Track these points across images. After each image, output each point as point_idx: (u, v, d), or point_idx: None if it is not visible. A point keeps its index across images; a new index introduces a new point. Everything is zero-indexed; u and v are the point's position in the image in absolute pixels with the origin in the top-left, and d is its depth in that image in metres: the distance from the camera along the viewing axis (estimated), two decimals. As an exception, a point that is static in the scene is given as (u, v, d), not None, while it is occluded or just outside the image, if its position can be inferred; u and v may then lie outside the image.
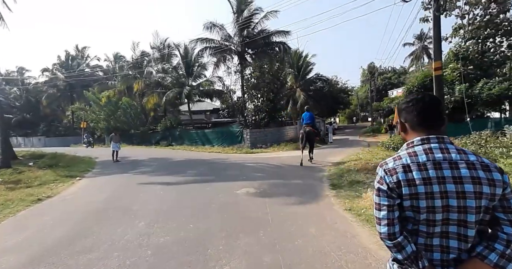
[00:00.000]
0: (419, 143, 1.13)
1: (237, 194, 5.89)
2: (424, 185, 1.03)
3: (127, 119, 26.30)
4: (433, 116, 1.16)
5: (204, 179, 7.63)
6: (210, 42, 21.23)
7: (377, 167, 1.20)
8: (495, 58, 18.13)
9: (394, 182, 1.08)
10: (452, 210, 1.02)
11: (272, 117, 19.46)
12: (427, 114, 1.15)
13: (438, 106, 1.17)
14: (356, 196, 5.23)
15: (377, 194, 1.14)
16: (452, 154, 1.07)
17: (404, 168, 1.08)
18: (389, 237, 1.08)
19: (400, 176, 1.07)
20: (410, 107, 1.19)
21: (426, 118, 1.15)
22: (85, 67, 40.67)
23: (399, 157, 1.13)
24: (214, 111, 36.75)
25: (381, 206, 1.11)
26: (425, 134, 1.14)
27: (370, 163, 8.52)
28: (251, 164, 10.48)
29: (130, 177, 8.65)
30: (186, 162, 12.07)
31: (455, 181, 1.02)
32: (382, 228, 1.10)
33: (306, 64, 28.71)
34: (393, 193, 1.08)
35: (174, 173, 8.80)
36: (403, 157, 1.12)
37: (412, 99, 1.19)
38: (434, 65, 5.94)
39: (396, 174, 1.08)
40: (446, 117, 1.20)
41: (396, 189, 1.08)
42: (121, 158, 13.56)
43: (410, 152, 1.12)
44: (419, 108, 1.16)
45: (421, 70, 34.65)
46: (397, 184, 1.07)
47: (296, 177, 7.62)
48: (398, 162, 1.11)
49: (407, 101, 1.21)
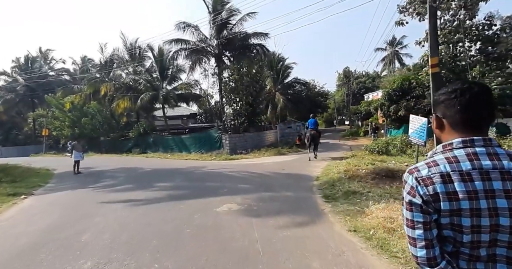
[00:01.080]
0: (460, 146, 0.92)
1: (217, 213, 4.92)
2: (469, 200, 0.85)
3: (94, 125, 24.27)
4: (482, 112, 0.93)
5: (178, 194, 6.55)
6: (185, 43, 20.10)
7: (405, 173, 0.97)
8: (466, 62, 18.77)
9: (430, 195, 0.89)
10: (503, 231, 0.85)
11: (251, 122, 18.91)
12: (475, 109, 0.92)
13: (489, 99, 0.94)
14: (357, 212, 4.49)
15: (409, 208, 0.93)
16: (504, 161, 0.87)
17: (443, 177, 0.88)
18: (429, 263, 0.90)
19: (438, 187, 0.88)
20: (452, 100, 0.95)
21: (473, 115, 0.93)
22: (47, 70, 37.69)
23: (435, 162, 0.92)
24: (192, 116, 35.57)
25: (415, 223, 0.92)
26: (469, 134, 0.93)
27: (361, 170, 7.93)
28: (232, 173, 9.52)
29: (88, 193, 7.32)
30: (158, 172, 10.83)
31: (507, 196, 0.84)
32: (419, 251, 0.92)
33: (285, 68, 28.57)
34: (429, 208, 0.89)
35: (143, 187, 7.61)
36: (441, 163, 0.91)
37: (455, 90, 0.96)
38: (430, 62, 5.47)
39: (433, 185, 0.89)
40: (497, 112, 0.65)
41: (432, 203, 0.89)
42: (84, 169, 12.01)
43: (449, 157, 0.91)
44: (464, 102, 0.93)
45: (393, 74, 35.84)
46: (434, 197, 0.88)
47: (284, 188, 6.79)
48: (434, 169, 0.91)
49: (448, 92, 0.98)
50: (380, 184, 6.37)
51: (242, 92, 17.84)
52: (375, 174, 7.28)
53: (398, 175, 7.11)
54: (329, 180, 7.18)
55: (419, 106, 17.32)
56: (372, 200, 4.98)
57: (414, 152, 11.21)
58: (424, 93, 17.66)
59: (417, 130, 5.34)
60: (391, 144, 12.21)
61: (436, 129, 1.04)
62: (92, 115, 24.11)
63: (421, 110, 17.03)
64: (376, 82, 44.13)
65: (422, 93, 17.88)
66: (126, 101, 22.75)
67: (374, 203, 4.61)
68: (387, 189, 5.77)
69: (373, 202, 4.75)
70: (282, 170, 9.70)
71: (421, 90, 17.98)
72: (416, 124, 5.42)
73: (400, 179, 6.75)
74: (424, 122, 5.12)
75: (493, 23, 17.20)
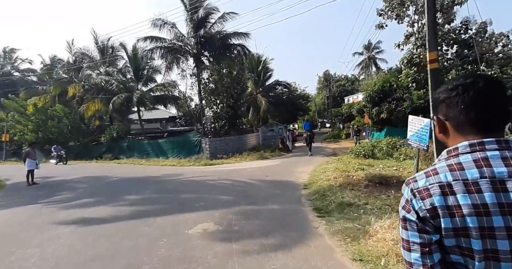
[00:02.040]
0: (467, 151, 0.75)
1: (189, 237, 4.00)
2: (477, 216, 0.68)
3: (62, 129, 22.24)
4: (492, 109, 0.77)
5: (144, 211, 5.53)
6: (161, 41, 18.94)
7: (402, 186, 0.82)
8: (444, 65, 19.14)
9: (427, 209, 0.73)
10: None
11: (232, 125, 18.16)
12: (482, 108, 0.76)
13: (500, 94, 0.77)
14: (357, 230, 3.78)
15: (404, 226, 0.77)
16: None
17: (443, 188, 0.72)
18: None
19: (436, 200, 0.72)
20: (453, 98, 0.79)
21: (481, 115, 0.76)
22: (10, 70, 34.74)
23: (435, 171, 0.77)
24: (171, 119, 34.27)
25: (410, 244, 0.76)
26: (478, 136, 0.76)
27: (351, 176, 7.33)
28: (211, 182, 8.60)
29: (34, 211, 6.07)
30: (127, 181, 9.64)
31: None
32: None
33: (266, 69, 28.04)
34: (426, 226, 0.73)
35: (103, 202, 6.47)
36: (441, 171, 0.75)
37: (457, 86, 0.80)
38: (428, 57, 4.97)
39: (431, 198, 0.73)
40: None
41: (430, 220, 0.72)
42: (42, 179, 10.56)
43: (452, 164, 0.75)
44: (468, 100, 0.77)
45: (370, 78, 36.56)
46: (432, 213, 0.72)
47: (269, 199, 6.00)
48: (432, 178, 0.75)
49: (449, 89, 0.81)
50: (375, 193, 5.76)
51: (223, 94, 17.11)
52: (368, 181, 6.70)
53: (393, 182, 6.58)
54: (318, 188, 6.49)
55: (400, 108, 17.30)
56: (372, 214, 4.30)
57: (401, 155, 10.93)
58: (403, 96, 17.75)
59: (418, 132, 4.76)
60: (377, 147, 11.83)
61: (440, 134, 0.87)
62: (59, 118, 22.11)
63: (401, 113, 17.04)
64: (355, 85, 44.90)
65: (403, 95, 17.95)
66: (97, 104, 21.06)
67: (377, 220, 3.92)
68: (385, 200, 5.15)
69: (374, 217, 4.07)
70: (266, 177, 8.94)
71: (402, 92, 18.04)
72: (416, 125, 4.84)
73: (395, 187, 6.19)
74: (426, 123, 4.54)
75: (469, 27, 17.64)
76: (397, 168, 8.52)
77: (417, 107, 15.85)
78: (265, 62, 27.85)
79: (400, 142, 11.66)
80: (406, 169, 8.17)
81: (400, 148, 11.15)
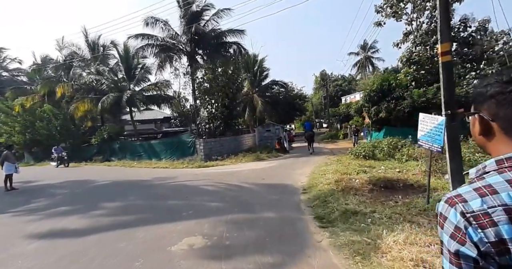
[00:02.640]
0: None
1: (172, 255, 3.42)
2: None
3: (51, 130, 21.46)
4: None
5: (125, 221, 4.93)
6: (153, 39, 18.28)
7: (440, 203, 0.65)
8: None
9: (491, 243, 0.56)
10: None
11: (228, 125, 17.63)
12: None
13: None
14: (366, 245, 3.25)
15: (456, 262, 0.59)
16: None
17: (510, 213, 0.55)
18: None
19: (504, 230, 0.55)
20: (509, 93, 0.64)
21: None
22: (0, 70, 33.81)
23: (491, 188, 0.59)
24: (166, 120, 33.62)
25: None
26: None
27: (353, 179, 6.81)
28: (203, 186, 8.02)
29: (5, 221, 5.44)
30: (113, 186, 9.02)
31: None
32: None
33: (262, 69, 27.59)
34: (489, 264, 0.56)
35: (82, 210, 5.85)
36: (502, 189, 0.58)
37: None
38: (441, 49, 4.48)
39: (496, 227, 0.56)
40: None
41: (496, 257, 0.56)
42: (22, 184, 9.90)
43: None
44: None
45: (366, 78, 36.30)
46: (499, 247, 0.55)
47: (266, 205, 5.45)
48: (491, 199, 0.58)
49: (504, 81, 0.66)
50: (381, 199, 5.24)
51: (218, 94, 16.58)
52: (372, 185, 6.18)
53: (399, 186, 6.07)
54: (319, 193, 5.95)
55: (399, 107, 16.89)
56: (381, 224, 3.79)
57: (403, 156, 10.44)
58: (403, 95, 17.34)
59: (430, 132, 4.25)
60: (377, 148, 11.34)
61: (480, 136, 0.72)
62: (48, 119, 21.33)
63: (401, 112, 16.63)
64: (352, 85, 44.63)
65: (402, 94, 17.54)
66: (87, 104, 20.34)
67: (389, 232, 3.40)
68: (393, 207, 4.63)
69: (385, 229, 3.55)
70: (262, 180, 8.40)
71: (401, 91, 17.63)
72: (428, 124, 4.33)
73: (402, 192, 5.68)
74: (441, 121, 4.03)
75: (468, 25, 17.31)
76: (401, 170, 8.02)
77: (418, 106, 15.42)
78: (261, 62, 27.40)
79: (402, 142, 11.19)
80: (410, 171, 7.68)
81: (402, 149, 10.68)
